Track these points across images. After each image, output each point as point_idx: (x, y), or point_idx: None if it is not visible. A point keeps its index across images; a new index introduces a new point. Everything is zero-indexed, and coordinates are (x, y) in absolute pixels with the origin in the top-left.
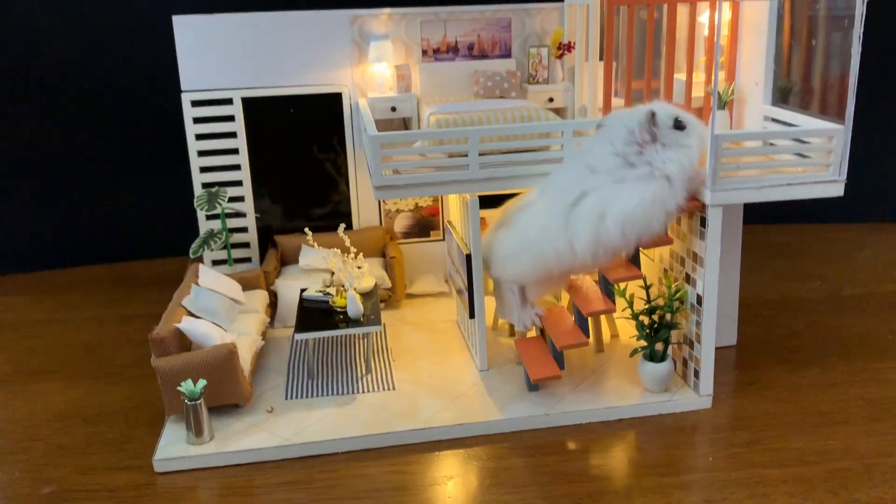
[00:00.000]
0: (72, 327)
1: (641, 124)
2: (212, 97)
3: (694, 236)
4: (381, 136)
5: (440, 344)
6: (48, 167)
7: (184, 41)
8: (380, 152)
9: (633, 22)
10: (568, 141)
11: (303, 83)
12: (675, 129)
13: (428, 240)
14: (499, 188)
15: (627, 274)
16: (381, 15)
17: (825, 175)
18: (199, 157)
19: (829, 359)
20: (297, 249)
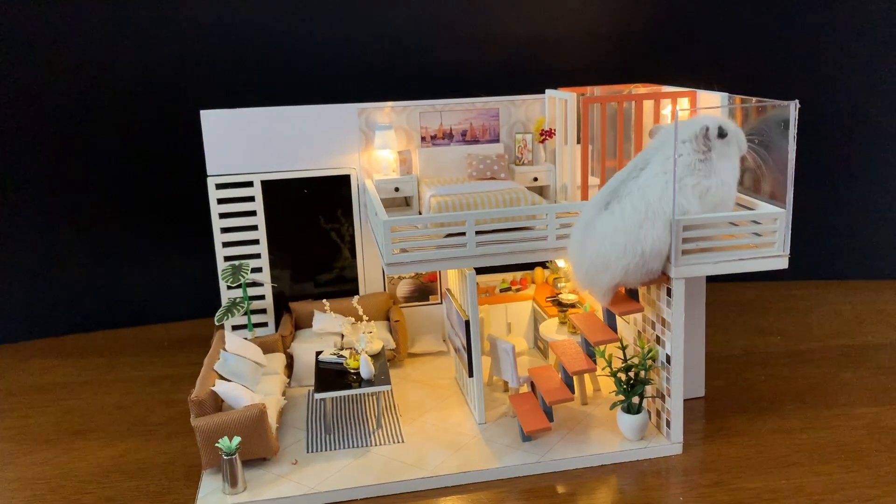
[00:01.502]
0: (103, 389)
1: (697, 137)
2: (234, 180)
3: (662, 304)
4: (392, 220)
5: (441, 399)
6: (76, 237)
7: (210, 132)
8: (390, 235)
9: (605, 112)
10: (552, 222)
11: (316, 167)
12: (719, 139)
13: (427, 303)
14: (493, 263)
15: (606, 337)
16: (385, 107)
17: (772, 251)
18: (222, 234)
19: (786, 407)
20: (310, 315)
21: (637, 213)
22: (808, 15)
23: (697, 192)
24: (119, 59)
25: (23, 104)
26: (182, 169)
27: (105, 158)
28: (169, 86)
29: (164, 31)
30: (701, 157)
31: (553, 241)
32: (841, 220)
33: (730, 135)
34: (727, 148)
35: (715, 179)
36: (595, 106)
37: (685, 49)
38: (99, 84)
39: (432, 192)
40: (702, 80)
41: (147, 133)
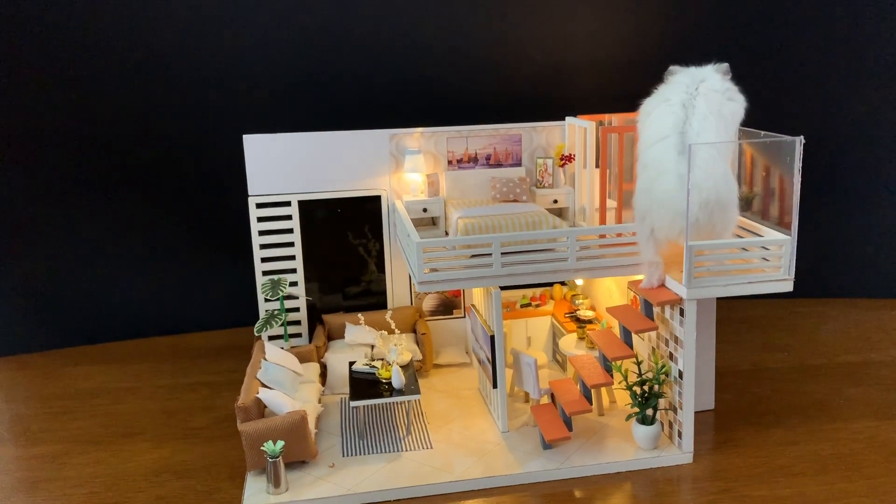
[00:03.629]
0: (146, 394)
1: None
2: (273, 200)
3: (675, 322)
4: (424, 242)
5: (465, 408)
6: (116, 249)
7: (252, 155)
8: (423, 255)
9: (623, 140)
10: (572, 244)
11: (349, 188)
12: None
13: (451, 317)
14: (517, 282)
15: (623, 353)
16: (415, 133)
17: (778, 275)
18: (260, 250)
19: (792, 421)
20: (342, 327)
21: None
22: (818, 42)
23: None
24: (170, 87)
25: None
26: (221, 188)
27: (149, 175)
28: (214, 112)
29: (215, 64)
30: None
31: (573, 263)
32: (845, 238)
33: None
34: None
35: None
36: (613, 135)
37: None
38: (152, 108)
39: (459, 213)
40: None
41: (189, 153)
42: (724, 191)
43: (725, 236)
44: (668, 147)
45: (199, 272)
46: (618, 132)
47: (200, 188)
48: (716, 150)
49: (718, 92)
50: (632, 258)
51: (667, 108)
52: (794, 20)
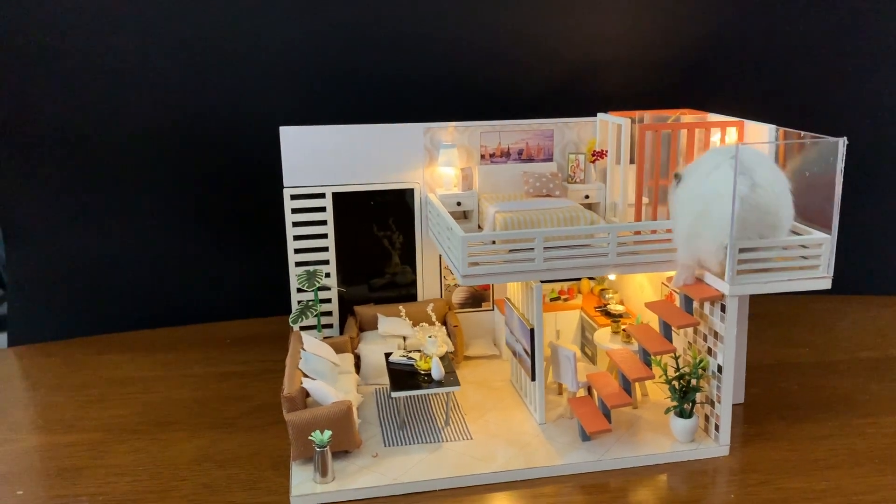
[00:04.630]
0: (176, 384)
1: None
2: (308, 192)
3: (715, 318)
4: (468, 236)
5: (499, 400)
6: (144, 237)
7: (288, 147)
8: (467, 249)
9: (660, 139)
10: (613, 240)
11: (383, 181)
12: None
13: (480, 310)
14: (558, 276)
15: (663, 348)
16: (449, 127)
17: (817, 273)
18: (294, 241)
19: (819, 415)
20: (373, 318)
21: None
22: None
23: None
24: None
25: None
26: (253, 179)
27: (180, 164)
28: (252, 102)
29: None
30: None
31: (613, 258)
32: (861, 237)
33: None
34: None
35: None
36: (650, 132)
37: (729, 76)
38: (190, 99)
39: (496, 208)
40: (747, 108)
41: (223, 144)
42: (783, 205)
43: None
44: (726, 170)
45: (226, 262)
46: (654, 129)
47: (233, 179)
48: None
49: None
50: (669, 254)
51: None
52: (832, 16)
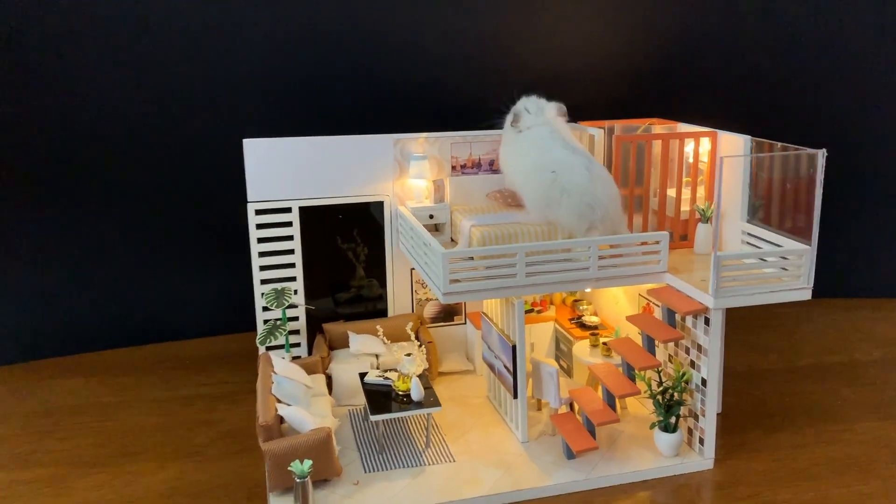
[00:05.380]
0: (138, 410)
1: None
2: (273, 206)
3: (698, 331)
4: (449, 252)
5: (478, 417)
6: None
7: (252, 160)
8: (448, 266)
9: (635, 147)
10: (594, 253)
11: (351, 194)
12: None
13: (452, 324)
14: (539, 291)
15: (649, 363)
16: (419, 138)
17: (797, 284)
18: (259, 258)
19: (797, 423)
20: (343, 335)
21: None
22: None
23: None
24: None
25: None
26: (214, 192)
27: (136, 177)
28: (211, 115)
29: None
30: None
31: (595, 272)
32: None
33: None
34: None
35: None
36: (624, 143)
37: (698, 85)
38: (148, 110)
39: (471, 222)
40: (717, 116)
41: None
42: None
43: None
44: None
45: (186, 278)
46: (629, 140)
47: (193, 192)
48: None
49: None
50: (652, 267)
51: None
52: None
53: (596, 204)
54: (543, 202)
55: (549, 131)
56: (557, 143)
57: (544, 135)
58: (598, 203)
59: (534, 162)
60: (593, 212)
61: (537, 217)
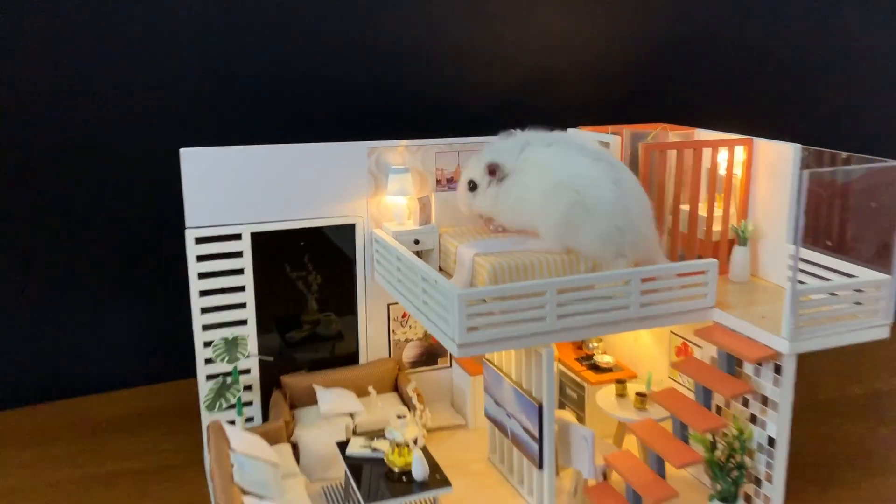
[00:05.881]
0: (38, 498)
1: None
2: (219, 233)
3: (763, 380)
4: (468, 293)
5: (488, 489)
6: None
7: (191, 175)
8: (465, 310)
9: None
10: (635, 287)
11: (316, 215)
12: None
13: (436, 367)
14: (575, 337)
15: (713, 424)
16: (399, 146)
17: (874, 321)
18: (201, 297)
19: (848, 474)
20: (307, 391)
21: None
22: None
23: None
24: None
25: None
26: (141, 216)
27: (45, 198)
28: (141, 119)
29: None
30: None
31: (636, 310)
32: None
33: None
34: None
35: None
36: (655, 152)
37: (689, 87)
38: (54, 116)
39: (473, 250)
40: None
41: (107, 173)
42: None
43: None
44: (579, 157)
45: (99, 318)
46: (659, 149)
47: (115, 215)
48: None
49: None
50: (699, 301)
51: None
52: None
53: (626, 226)
54: (563, 226)
55: (553, 149)
56: (572, 150)
57: (550, 154)
58: (630, 225)
59: (554, 181)
60: (623, 235)
61: (553, 244)
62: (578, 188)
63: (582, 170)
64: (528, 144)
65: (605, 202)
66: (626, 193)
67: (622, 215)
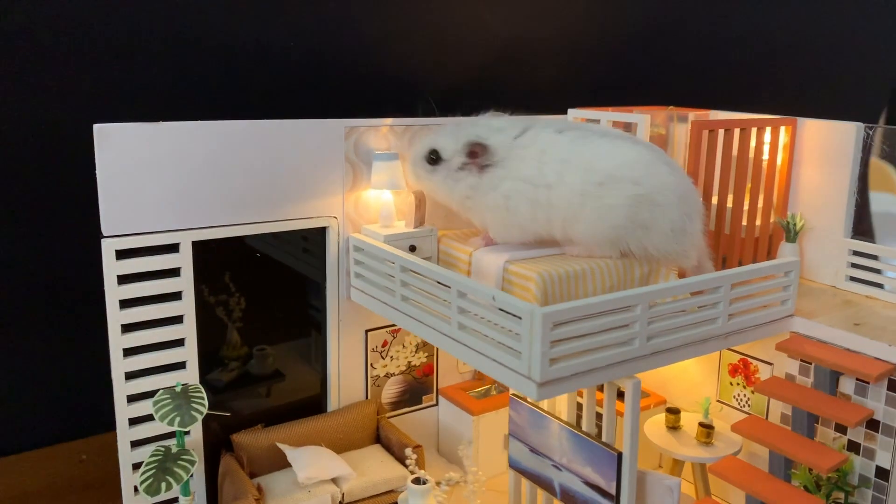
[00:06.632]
0: None
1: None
2: (148, 243)
3: (874, 402)
4: (554, 311)
5: None
6: None
7: (109, 163)
8: (549, 336)
9: (717, 141)
10: (725, 296)
11: (276, 217)
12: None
13: (420, 407)
14: (662, 363)
15: (834, 459)
16: (382, 127)
17: None
18: (123, 333)
19: None
20: (269, 453)
21: None
22: None
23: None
24: None
25: None
26: (35, 216)
27: None
28: (45, 91)
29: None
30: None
31: (724, 324)
32: None
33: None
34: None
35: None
36: (706, 132)
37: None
38: None
39: (501, 256)
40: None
41: None
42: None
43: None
44: (618, 142)
45: None
46: (710, 129)
47: None
48: None
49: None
50: (778, 309)
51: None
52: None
53: (694, 215)
54: (627, 229)
55: (570, 136)
56: (594, 135)
57: (568, 142)
58: (695, 213)
59: (599, 175)
60: (692, 226)
61: (608, 250)
62: (637, 178)
63: (628, 156)
64: (529, 129)
65: (669, 189)
66: (682, 175)
67: (688, 202)
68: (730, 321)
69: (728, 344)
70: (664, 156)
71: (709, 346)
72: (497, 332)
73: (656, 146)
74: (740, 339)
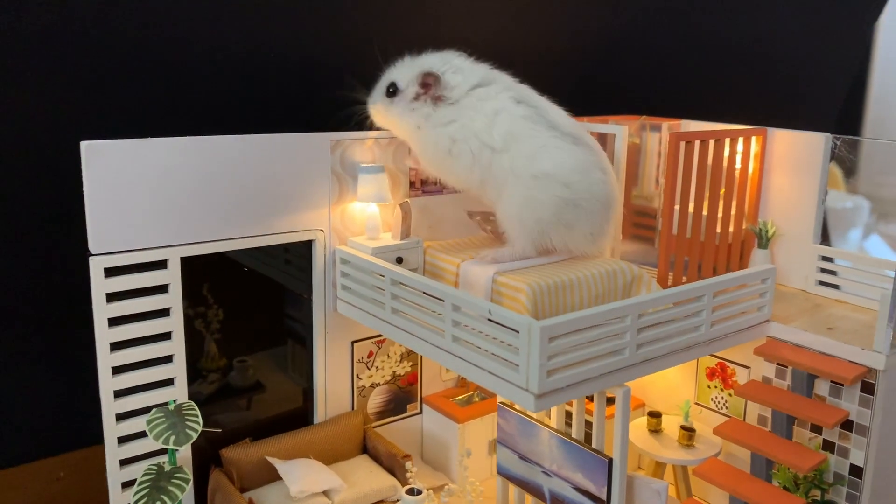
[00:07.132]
0: None
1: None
2: (136, 260)
3: (847, 402)
4: (552, 324)
5: None
6: None
7: (96, 180)
8: (547, 349)
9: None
10: (708, 304)
11: (263, 231)
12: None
13: (405, 416)
14: (650, 371)
15: (811, 460)
16: (367, 140)
17: None
18: (112, 352)
19: None
20: (258, 467)
21: None
22: None
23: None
24: None
25: None
26: (28, 237)
27: None
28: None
29: None
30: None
31: (707, 331)
32: None
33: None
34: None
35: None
36: (683, 143)
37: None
38: None
39: (490, 268)
40: None
41: None
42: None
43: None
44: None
45: None
46: (686, 140)
47: None
48: None
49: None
50: (755, 315)
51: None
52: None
53: (612, 217)
54: (550, 224)
55: (524, 112)
56: (542, 126)
57: (520, 119)
58: (615, 215)
59: (533, 170)
60: (610, 227)
61: (527, 244)
62: (567, 181)
63: (567, 161)
64: (489, 85)
65: (596, 198)
66: (612, 184)
67: (609, 209)
68: (712, 328)
69: (711, 350)
70: (602, 161)
71: (693, 353)
72: (493, 344)
73: (599, 149)
74: (722, 346)
